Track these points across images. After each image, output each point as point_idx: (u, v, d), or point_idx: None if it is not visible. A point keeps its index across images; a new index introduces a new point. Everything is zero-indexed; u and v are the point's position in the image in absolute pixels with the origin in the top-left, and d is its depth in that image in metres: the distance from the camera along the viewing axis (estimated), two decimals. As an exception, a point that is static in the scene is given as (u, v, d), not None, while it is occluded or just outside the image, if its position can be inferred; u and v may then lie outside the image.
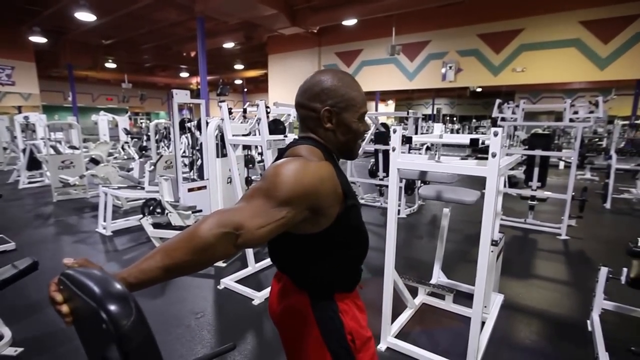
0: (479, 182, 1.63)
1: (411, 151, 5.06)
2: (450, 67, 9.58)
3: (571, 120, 7.59)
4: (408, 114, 5.13)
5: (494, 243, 2.27)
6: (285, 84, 13.00)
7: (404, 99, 22.82)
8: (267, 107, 2.53)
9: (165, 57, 15.40)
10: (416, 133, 5.38)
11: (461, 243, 3.94)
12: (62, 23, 11.10)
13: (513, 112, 7.90)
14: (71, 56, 13.90)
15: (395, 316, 2.23)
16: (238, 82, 20.05)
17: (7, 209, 5.11)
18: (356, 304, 0.98)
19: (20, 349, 2.02)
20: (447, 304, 2.51)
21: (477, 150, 2.10)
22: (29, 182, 6.74)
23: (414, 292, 2.51)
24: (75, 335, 0.62)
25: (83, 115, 16.42)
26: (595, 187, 6.62)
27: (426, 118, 18.05)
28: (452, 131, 16.16)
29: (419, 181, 5.10)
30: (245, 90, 22.66)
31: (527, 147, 4.49)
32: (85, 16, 9.12)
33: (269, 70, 13.49)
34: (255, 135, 3.40)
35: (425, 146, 7.22)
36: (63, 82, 16.16)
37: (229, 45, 12.43)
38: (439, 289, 2.51)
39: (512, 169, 5.91)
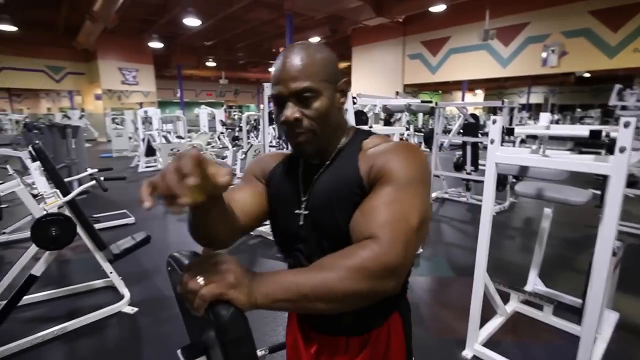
0: (582, 180, 1.39)
1: (503, 144, 4.58)
2: (553, 51, 8.51)
3: None
4: (503, 103, 4.66)
5: (614, 252, 1.93)
6: (368, 75, 12.90)
7: (495, 88, 20.75)
8: (353, 97, 2.53)
9: (257, 54, 16.52)
10: (510, 125, 4.86)
11: (562, 248, 3.47)
12: (174, 29, 12.67)
13: (638, 100, 6.53)
14: (180, 57, 15.86)
15: (482, 322, 2.06)
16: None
17: (129, 189, 6.08)
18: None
19: (136, 309, 2.35)
20: (546, 316, 2.23)
21: (582, 144, 1.79)
22: (147, 167, 7.86)
23: (504, 298, 2.29)
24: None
25: (188, 109, 18.64)
26: None
27: (521, 108, 16.11)
28: (550, 122, 14.14)
29: (511, 176, 4.64)
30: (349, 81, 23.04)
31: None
32: (191, 22, 10.27)
33: (352, 62, 13.52)
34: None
35: (519, 139, 6.45)
36: (173, 81, 18.48)
37: (315, 39, 12.76)
38: (536, 298, 2.24)
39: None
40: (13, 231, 3.60)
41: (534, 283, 2.53)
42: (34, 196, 1.92)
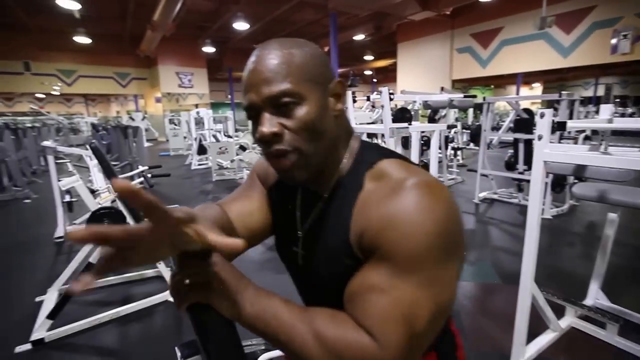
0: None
1: (562, 141, 4.19)
2: (625, 36, 7.59)
3: None
4: (560, 96, 4.25)
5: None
6: (414, 71, 12.52)
7: (555, 80, 19.06)
8: (390, 93, 2.46)
9: (302, 54, 16.81)
10: (571, 119, 4.43)
11: (632, 258, 3.09)
12: (225, 34, 13.30)
13: None
14: (231, 60, 16.59)
15: (531, 337, 1.88)
16: (368, 72, 20.28)
17: (182, 185, 6.50)
18: None
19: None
20: (609, 335, 1.97)
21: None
22: (199, 164, 8.35)
23: (558, 312, 2.08)
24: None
25: (238, 109, 19.48)
26: None
27: (585, 101, 14.52)
28: (622, 116, 12.59)
29: (572, 177, 4.24)
30: (375, 80, 22.76)
31: None
32: (241, 25, 10.69)
33: (398, 58, 13.21)
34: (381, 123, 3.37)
35: (583, 135, 5.87)
36: (224, 83, 19.43)
37: (359, 37, 12.68)
38: (597, 314, 2.00)
39: None
40: (82, 222, 4.01)
41: (595, 297, 2.26)
42: (93, 191, 2.12)
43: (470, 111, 11.89)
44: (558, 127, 2.31)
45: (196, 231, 0.38)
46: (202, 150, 8.34)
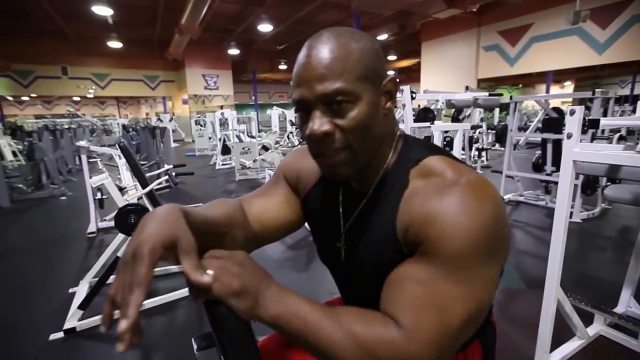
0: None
1: (594, 141, 4.00)
2: (668, 31, 7.06)
3: None
4: (594, 93, 4.05)
5: None
6: (439, 71, 12.29)
7: (588, 78, 18.14)
8: (412, 92, 2.43)
9: (326, 55, 16.88)
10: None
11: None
12: (249, 36, 13.54)
13: None
14: (255, 62, 16.89)
15: (556, 344, 1.81)
16: (391, 72, 20.11)
17: (206, 184, 6.67)
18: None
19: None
20: (641, 345, 1.88)
21: None
22: (223, 164, 8.54)
23: (586, 319, 1.99)
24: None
25: (262, 110, 19.83)
26: None
27: (621, 100, 13.71)
28: None
29: (604, 178, 4.03)
30: (398, 80, 22.52)
31: None
32: (265, 27, 10.88)
33: (422, 58, 13.01)
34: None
35: (618, 134, 5.56)
36: (248, 85, 19.79)
37: (382, 36, 12.58)
38: (628, 322, 1.90)
39: None
40: (112, 219, 4.20)
41: (627, 304, 2.15)
42: (121, 189, 2.22)
43: (496, 111, 11.51)
44: (590, 125, 2.21)
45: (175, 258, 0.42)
46: (226, 150, 8.51)
